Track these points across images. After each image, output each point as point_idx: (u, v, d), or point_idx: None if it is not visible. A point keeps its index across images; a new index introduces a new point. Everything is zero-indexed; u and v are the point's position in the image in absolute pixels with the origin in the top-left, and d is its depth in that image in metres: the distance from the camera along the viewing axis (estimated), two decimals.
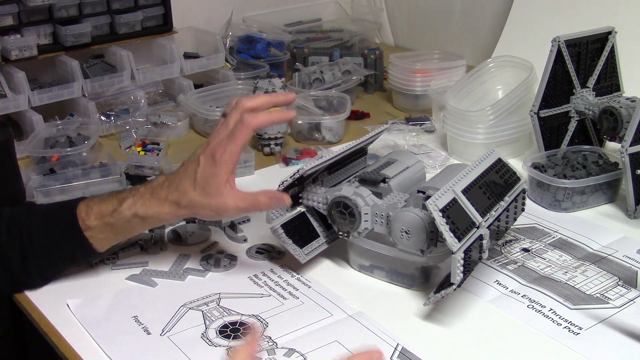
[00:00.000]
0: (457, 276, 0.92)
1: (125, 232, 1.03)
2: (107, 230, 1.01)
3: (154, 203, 1.00)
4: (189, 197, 0.99)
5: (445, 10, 2.10)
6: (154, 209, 1.00)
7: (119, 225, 1.01)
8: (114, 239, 1.04)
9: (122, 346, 0.93)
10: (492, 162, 1.06)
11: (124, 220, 1.00)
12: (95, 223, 1.01)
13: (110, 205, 1.01)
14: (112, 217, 1.00)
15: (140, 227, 1.02)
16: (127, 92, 1.67)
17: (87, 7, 1.64)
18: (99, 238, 1.02)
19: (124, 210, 1.00)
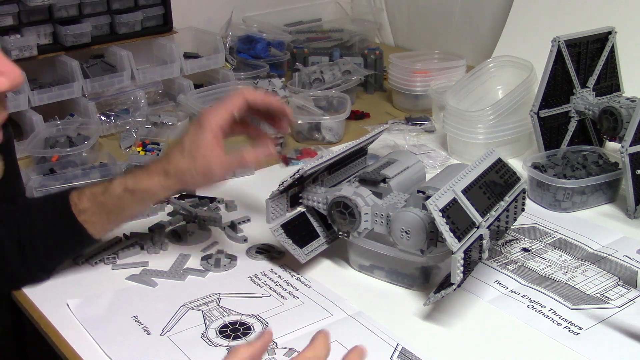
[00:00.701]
0: (457, 276, 0.92)
1: (117, 212, 1.03)
2: (99, 212, 1.02)
3: (143, 176, 1.02)
4: (176, 164, 1.00)
5: (445, 10, 2.10)
6: (144, 181, 1.01)
7: (111, 203, 1.01)
8: (107, 221, 1.04)
9: (122, 346, 0.93)
10: (492, 162, 1.06)
11: (115, 197, 1.01)
12: (87, 205, 1.02)
13: (102, 186, 1.03)
14: (103, 196, 1.01)
15: (131, 203, 1.02)
16: (127, 92, 1.67)
17: (87, 7, 1.64)
18: (93, 221, 1.02)
19: (115, 187, 1.01)
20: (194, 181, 1.02)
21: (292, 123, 1.08)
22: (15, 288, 1.05)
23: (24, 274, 1.05)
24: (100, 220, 1.03)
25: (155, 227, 1.21)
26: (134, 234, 1.19)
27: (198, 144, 0.99)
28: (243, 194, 1.32)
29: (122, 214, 1.04)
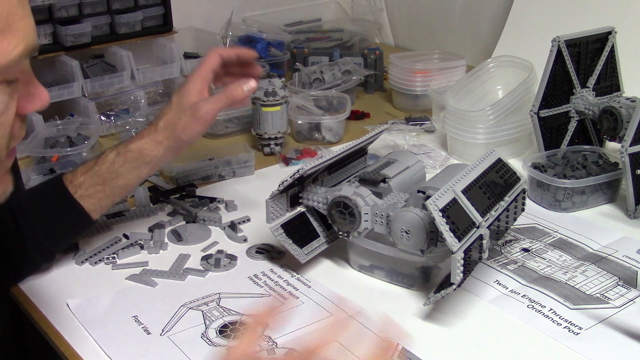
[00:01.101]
0: (457, 276, 0.92)
1: (112, 179, 1.04)
2: (95, 183, 1.03)
3: (134, 139, 1.06)
4: (165, 118, 1.05)
5: (445, 10, 2.10)
6: (134, 142, 1.05)
7: (104, 170, 1.03)
8: (103, 192, 1.04)
9: (122, 346, 0.93)
10: (492, 162, 1.06)
11: (108, 163, 1.03)
12: (82, 179, 1.03)
13: (95, 159, 1.05)
14: (97, 165, 1.04)
15: (125, 167, 1.04)
16: (127, 92, 1.67)
17: (87, 7, 1.64)
18: (89, 195, 1.03)
19: (107, 154, 1.05)
20: (184, 127, 1.05)
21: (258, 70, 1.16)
22: (19, 280, 1.05)
23: (26, 264, 1.04)
24: (96, 192, 1.04)
25: (155, 227, 1.21)
26: (134, 234, 1.19)
27: (184, 96, 1.05)
28: (243, 194, 1.32)
29: (117, 182, 1.05)
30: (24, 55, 0.63)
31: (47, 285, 1.06)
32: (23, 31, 0.63)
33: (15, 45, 0.62)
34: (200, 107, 1.05)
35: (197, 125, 1.05)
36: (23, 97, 0.68)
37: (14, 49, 0.62)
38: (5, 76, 0.63)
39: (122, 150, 1.04)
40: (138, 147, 1.04)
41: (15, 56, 0.62)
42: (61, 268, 1.10)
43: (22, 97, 0.68)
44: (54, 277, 1.08)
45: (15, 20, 0.62)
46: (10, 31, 0.62)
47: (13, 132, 0.68)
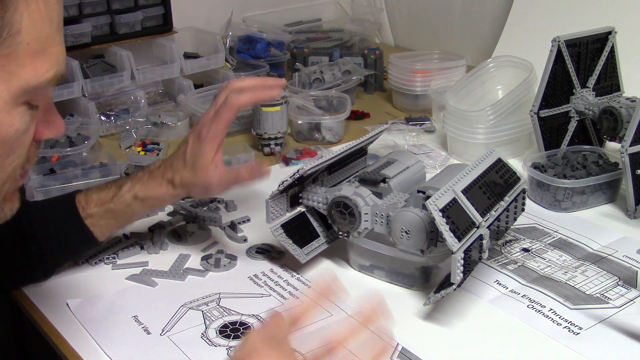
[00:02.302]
0: (457, 276, 0.92)
1: (125, 217, 1.05)
2: (107, 216, 1.03)
3: (152, 184, 1.04)
4: (181, 175, 1.03)
5: (445, 10, 2.10)
6: (153, 189, 1.04)
7: (120, 209, 1.03)
8: (115, 225, 1.06)
9: (122, 346, 0.93)
10: (492, 162, 1.06)
11: (124, 204, 1.03)
12: (95, 210, 1.03)
13: (110, 191, 1.04)
14: (112, 202, 1.03)
15: (140, 209, 1.05)
16: (127, 92, 1.67)
17: (87, 7, 1.64)
18: (100, 225, 1.04)
19: (124, 194, 1.03)
20: (196, 192, 1.05)
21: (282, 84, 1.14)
22: (16, 287, 1.05)
23: (26, 274, 1.05)
24: (107, 224, 1.04)
25: (155, 227, 1.21)
26: (134, 234, 1.19)
27: (198, 160, 1.02)
28: (243, 194, 1.32)
29: (130, 219, 1.07)
30: (53, 80, 0.65)
31: (47, 285, 1.06)
32: (57, 57, 0.65)
33: (48, 70, 0.64)
34: (213, 185, 1.04)
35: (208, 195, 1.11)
36: (41, 124, 0.70)
37: (46, 72, 0.64)
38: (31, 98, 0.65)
39: (140, 196, 1.03)
40: (156, 195, 1.04)
41: (46, 79, 0.64)
42: (61, 268, 1.10)
43: (40, 123, 0.70)
44: (54, 277, 1.08)
45: (52, 45, 0.64)
46: (45, 55, 0.64)
47: (29, 155, 0.70)
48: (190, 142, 1.04)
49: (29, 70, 0.63)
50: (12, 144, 0.66)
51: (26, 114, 0.66)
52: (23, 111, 0.65)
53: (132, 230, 1.20)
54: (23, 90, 0.64)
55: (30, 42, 0.62)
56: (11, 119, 0.64)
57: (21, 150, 0.68)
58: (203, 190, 1.05)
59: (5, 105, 0.63)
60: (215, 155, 1.03)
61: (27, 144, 0.68)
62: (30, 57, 0.63)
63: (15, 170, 0.69)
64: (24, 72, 0.63)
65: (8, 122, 0.64)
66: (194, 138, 1.04)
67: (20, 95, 0.64)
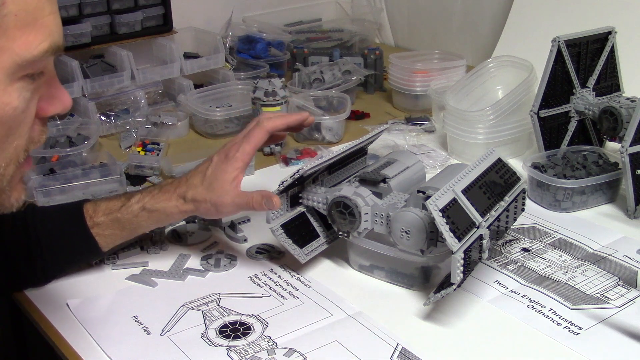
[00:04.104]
0: (457, 276, 0.92)
1: (131, 228, 1.04)
2: (114, 227, 1.03)
3: (161, 197, 1.03)
4: (194, 191, 1.02)
5: (445, 10, 2.10)
6: (161, 202, 1.03)
7: (126, 220, 1.03)
8: (120, 236, 1.05)
9: (122, 346, 0.93)
10: (492, 162, 1.06)
11: (131, 215, 1.02)
12: (102, 219, 1.03)
13: (119, 201, 1.04)
14: (120, 212, 1.03)
15: (147, 222, 1.04)
16: (127, 92, 1.67)
17: (87, 7, 1.64)
18: (105, 235, 1.03)
19: (132, 204, 1.03)
20: (205, 209, 1.04)
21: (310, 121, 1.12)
22: (16, 290, 1.05)
23: (28, 279, 1.04)
24: (112, 235, 1.04)
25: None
26: None
27: (219, 178, 1.02)
28: None
29: (135, 231, 1.06)
30: (48, 52, 0.62)
31: (47, 285, 1.06)
32: (49, 28, 0.62)
33: (41, 41, 0.61)
34: (225, 208, 1.03)
35: (217, 216, 1.08)
36: (44, 99, 0.67)
37: (40, 44, 0.61)
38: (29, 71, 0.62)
39: (148, 207, 1.03)
40: (164, 209, 1.03)
41: (40, 52, 0.62)
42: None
43: (43, 99, 0.67)
44: None
45: (42, 15, 0.61)
46: (36, 26, 0.61)
47: (32, 134, 0.68)
48: (215, 160, 1.03)
49: (21, 44, 0.60)
50: (12, 123, 0.64)
51: (25, 90, 0.63)
52: (21, 88, 0.62)
53: None
54: (17, 66, 0.61)
55: (17, 13, 0.60)
56: (7, 97, 0.62)
57: (22, 130, 0.65)
58: (213, 209, 1.03)
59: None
60: (236, 176, 1.02)
61: (28, 122, 0.65)
62: (20, 29, 0.60)
63: (18, 152, 0.66)
64: (15, 46, 0.60)
65: (4, 100, 0.62)
66: (219, 157, 1.03)
67: (15, 71, 0.61)
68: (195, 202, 1.02)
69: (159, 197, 1.04)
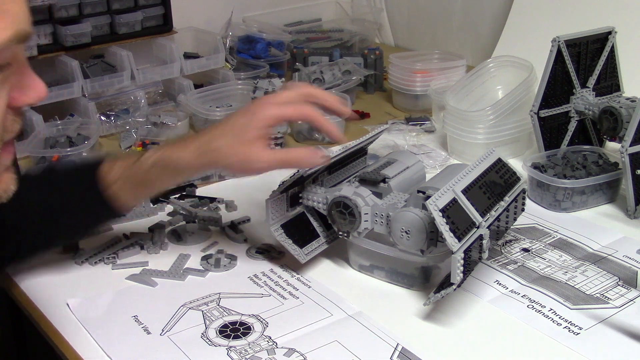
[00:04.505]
0: (457, 276, 0.92)
1: (145, 184, 0.99)
2: (128, 184, 0.98)
3: (175, 148, 0.97)
4: (216, 142, 0.95)
5: (445, 10, 2.10)
6: (175, 152, 0.97)
7: (139, 176, 0.98)
8: (137, 194, 1.00)
9: (122, 346, 0.93)
10: (492, 162, 1.06)
11: (144, 170, 0.97)
12: (117, 178, 0.98)
13: (134, 157, 0.99)
14: (132, 168, 0.98)
15: (161, 177, 0.98)
16: (127, 92, 1.67)
17: (87, 7, 1.64)
18: (121, 195, 0.99)
19: (146, 159, 0.98)
20: (227, 165, 0.97)
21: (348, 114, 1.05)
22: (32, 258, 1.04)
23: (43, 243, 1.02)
24: (129, 194, 0.99)
25: (155, 227, 1.21)
26: (134, 234, 1.19)
27: (245, 130, 0.94)
28: (243, 194, 1.32)
29: (150, 187, 1.00)
30: (12, 40, 0.60)
31: (47, 285, 1.06)
32: (12, 15, 0.60)
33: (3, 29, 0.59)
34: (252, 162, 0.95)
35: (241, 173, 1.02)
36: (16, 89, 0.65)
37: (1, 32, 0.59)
38: None
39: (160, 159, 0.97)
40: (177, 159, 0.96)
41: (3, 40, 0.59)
42: (61, 268, 1.10)
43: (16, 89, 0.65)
44: (54, 277, 1.08)
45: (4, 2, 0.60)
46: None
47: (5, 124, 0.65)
48: (240, 113, 0.97)
49: None
50: None
51: None
52: None
53: (132, 230, 1.20)
54: None
55: None
56: None
57: None
58: (237, 165, 0.95)
59: None
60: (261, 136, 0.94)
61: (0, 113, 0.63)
62: None
63: None
64: None
65: None
66: (245, 110, 0.97)
67: None
68: (214, 155, 0.95)
69: (172, 148, 0.97)
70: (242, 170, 0.98)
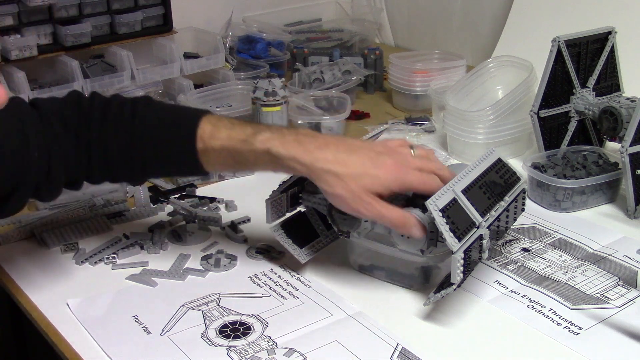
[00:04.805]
0: (457, 276, 0.92)
1: (244, 164, 0.97)
2: (226, 156, 0.96)
3: (292, 147, 0.94)
4: (336, 170, 0.93)
5: (445, 10, 2.10)
6: (291, 153, 0.93)
7: (243, 154, 0.95)
8: (225, 165, 0.99)
9: (122, 346, 0.93)
10: (492, 162, 1.06)
11: (251, 151, 0.95)
12: (217, 146, 0.95)
13: (243, 133, 0.96)
14: (239, 142, 0.95)
15: (265, 165, 0.96)
16: (127, 92, 1.67)
17: (87, 7, 1.64)
18: (213, 161, 0.97)
19: (257, 142, 0.94)
20: (330, 195, 0.95)
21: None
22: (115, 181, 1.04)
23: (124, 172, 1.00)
24: (221, 162, 0.97)
25: (155, 227, 1.21)
26: (134, 234, 1.19)
27: (371, 182, 0.92)
28: (243, 194, 1.32)
29: (247, 168, 0.99)
30: None
31: (47, 285, 1.06)
32: None
33: None
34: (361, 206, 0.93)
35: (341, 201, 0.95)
36: None
37: None
38: None
39: (274, 151, 0.94)
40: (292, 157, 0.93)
41: None
42: (61, 268, 1.10)
43: None
44: (54, 277, 1.08)
45: None
46: None
47: None
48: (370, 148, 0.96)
49: None
50: None
51: None
52: None
53: (132, 230, 1.20)
54: None
55: None
56: None
57: None
58: (342, 202, 0.94)
59: None
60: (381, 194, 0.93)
61: None
62: None
63: None
64: None
65: None
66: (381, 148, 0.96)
67: None
68: (331, 183, 0.92)
69: (291, 145, 0.94)
70: (338, 204, 0.96)
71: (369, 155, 0.95)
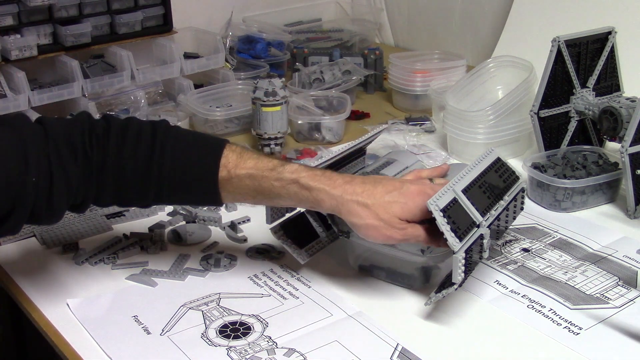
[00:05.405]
0: (458, 276, 0.92)
1: (266, 195, 0.96)
2: (250, 185, 0.95)
3: (324, 179, 0.95)
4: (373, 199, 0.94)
5: (445, 10, 2.10)
6: (323, 184, 0.94)
7: (270, 184, 0.95)
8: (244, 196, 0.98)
9: (122, 346, 0.93)
10: (492, 162, 1.06)
11: (279, 181, 0.94)
12: (244, 173, 0.95)
13: (270, 163, 0.96)
14: (269, 172, 0.95)
15: (292, 196, 0.95)
16: (127, 92, 1.67)
17: (87, 7, 1.64)
18: (233, 190, 0.96)
19: (285, 171, 0.95)
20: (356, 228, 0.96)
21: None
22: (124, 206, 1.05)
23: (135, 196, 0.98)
24: (241, 194, 0.97)
25: (155, 227, 1.21)
26: (133, 234, 1.19)
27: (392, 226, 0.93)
28: None
29: (269, 198, 0.97)
30: None
31: (47, 285, 1.06)
32: None
33: None
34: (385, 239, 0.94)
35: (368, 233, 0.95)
36: None
37: None
38: None
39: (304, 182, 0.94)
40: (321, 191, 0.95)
41: None
42: (61, 268, 1.10)
43: None
44: (54, 277, 1.08)
45: None
46: None
47: None
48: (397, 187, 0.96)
49: None
50: None
51: None
52: None
53: (132, 230, 1.20)
54: None
55: None
56: None
57: None
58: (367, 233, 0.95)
59: None
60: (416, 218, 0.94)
61: None
62: None
63: None
64: None
65: None
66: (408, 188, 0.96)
67: None
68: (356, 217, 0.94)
69: (320, 178, 0.95)
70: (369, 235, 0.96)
71: (394, 184, 0.96)
